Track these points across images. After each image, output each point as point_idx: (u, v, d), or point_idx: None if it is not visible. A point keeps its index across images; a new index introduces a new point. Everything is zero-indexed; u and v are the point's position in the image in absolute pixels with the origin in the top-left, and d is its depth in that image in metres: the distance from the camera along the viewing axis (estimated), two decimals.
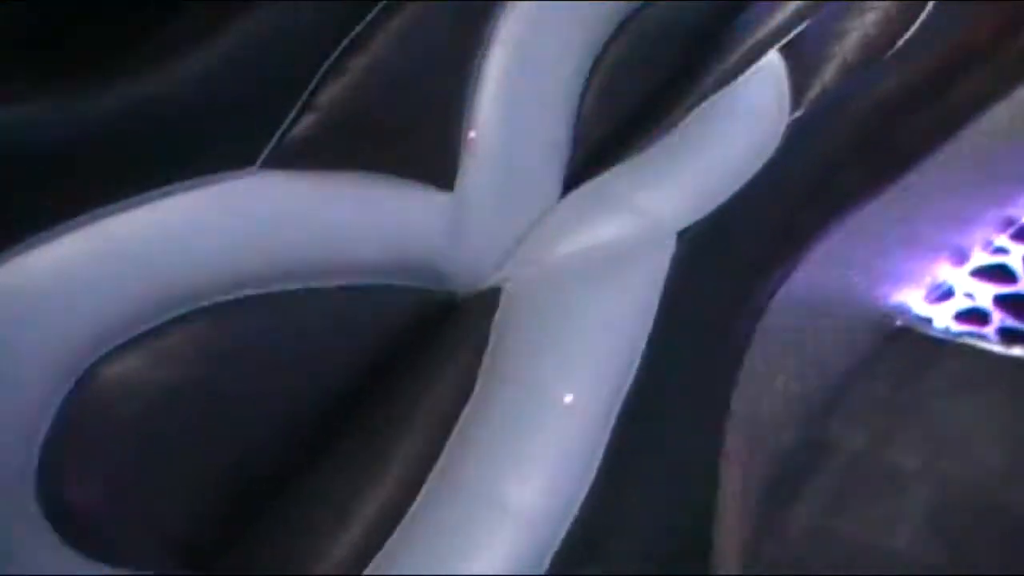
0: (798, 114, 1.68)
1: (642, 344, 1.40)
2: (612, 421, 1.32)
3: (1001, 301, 1.91)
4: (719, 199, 1.57)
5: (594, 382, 1.35)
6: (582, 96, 1.73)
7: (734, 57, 1.82)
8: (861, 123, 1.72)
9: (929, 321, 1.91)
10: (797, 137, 1.67)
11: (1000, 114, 1.88)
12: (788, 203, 1.64)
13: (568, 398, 1.32)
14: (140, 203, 1.31)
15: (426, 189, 1.52)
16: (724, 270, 1.55)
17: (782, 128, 1.67)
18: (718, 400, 1.48)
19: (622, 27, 1.79)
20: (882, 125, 1.74)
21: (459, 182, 1.56)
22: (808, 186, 1.67)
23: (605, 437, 1.29)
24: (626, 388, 1.35)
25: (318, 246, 1.44)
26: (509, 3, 1.60)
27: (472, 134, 1.57)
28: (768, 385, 1.69)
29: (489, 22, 1.59)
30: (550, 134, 1.65)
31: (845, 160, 1.71)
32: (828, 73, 1.74)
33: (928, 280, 1.94)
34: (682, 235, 1.52)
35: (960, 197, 1.97)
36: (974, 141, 1.87)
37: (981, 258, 1.97)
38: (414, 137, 1.54)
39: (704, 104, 1.74)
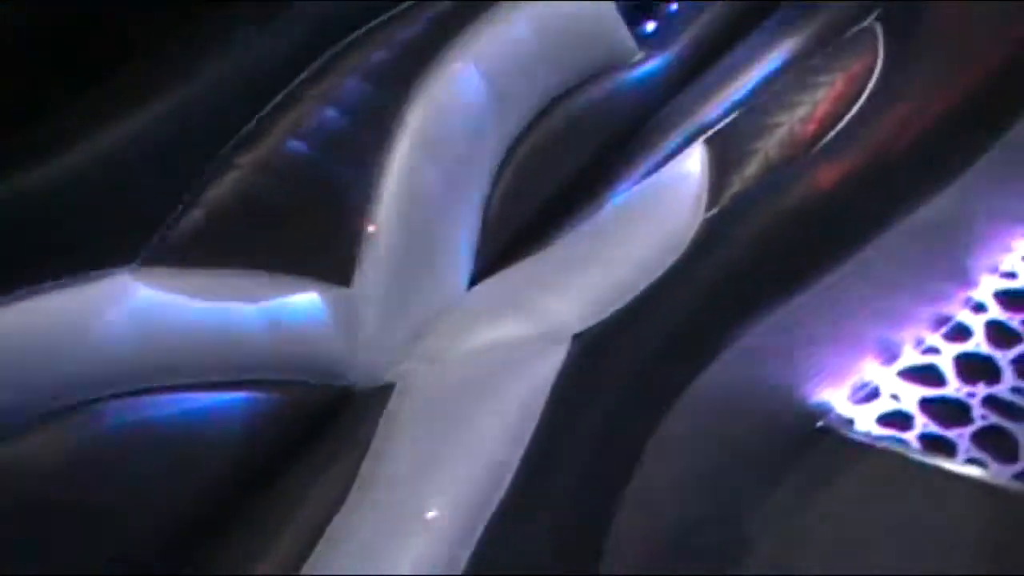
0: (714, 212, 1.69)
1: (520, 453, 1.41)
2: (478, 534, 1.33)
3: (927, 405, 1.90)
4: (620, 301, 1.57)
5: (464, 495, 1.35)
6: (493, 186, 1.76)
7: (655, 150, 1.84)
8: (783, 221, 1.72)
9: (851, 422, 1.90)
10: (712, 234, 1.67)
11: (931, 211, 1.88)
12: (699, 301, 1.64)
13: (431, 514, 1.33)
14: (13, 301, 1.34)
15: (321, 284, 1.53)
16: (620, 372, 1.55)
17: (696, 225, 1.68)
18: (602, 505, 1.48)
19: (540, 118, 1.82)
20: (807, 222, 1.74)
21: (357, 277, 1.58)
22: (723, 283, 1.66)
23: (467, 552, 1.30)
24: (498, 499, 1.36)
25: (204, 342, 1.44)
26: (417, 94, 1.63)
27: (372, 228, 1.59)
28: (675, 482, 1.70)
29: (394, 115, 1.62)
30: (456, 228, 1.66)
31: (766, 257, 1.70)
32: (749, 169, 1.74)
33: (854, 378, 1.94)
34: (577, 338, 1.53)
35: (891, 293, 1.96)
36: (905, 238, 1.87)
37: (911, 357, 1.97)
38: (309, 233, 1.55)
39: (619, 198, 1.77)
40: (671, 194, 1.74)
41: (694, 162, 1.78)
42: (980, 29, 1.97)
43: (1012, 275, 2.07)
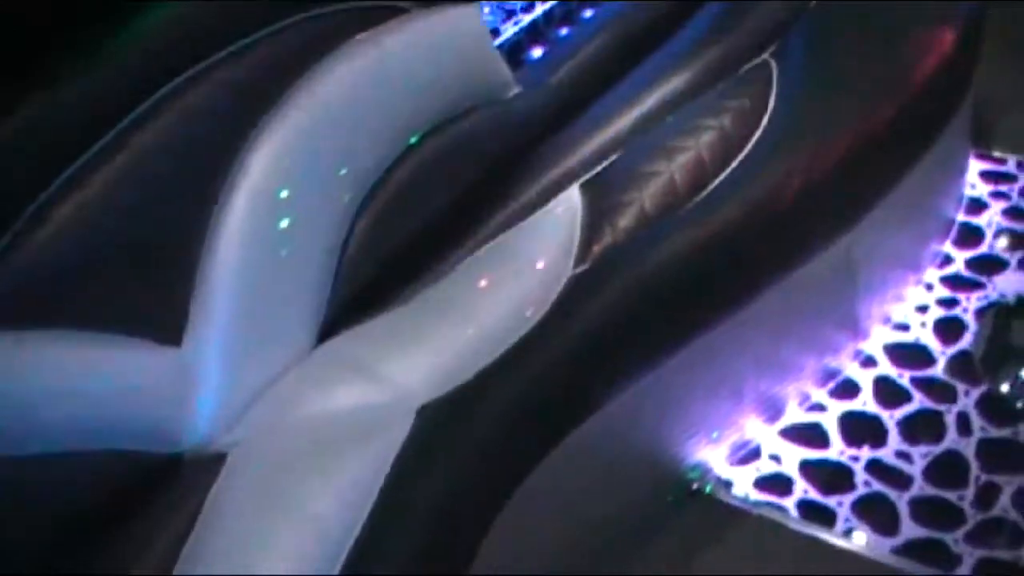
0: (583, 268, 1.60)
1: (355, 534, 1.32)
2: None
3: (808, 468, 1.83)
4: (473, 369, 1.48)
5: None
6: (350, 231, 1.65)
7: (527, 194, 1.74)
8: (657, 279, 1.63)
9: (729, 485, 1.83)
10: (580, 292, 1.59)
11: (821, 263, 1.81)
12: (562, 366, 1.55)
13: None
14: None
15: (149, 345, 1.41)
16: (469, 446, 1.46)
17: (563, 282, 1.59)
18: None
19: (404, 156, 1.71)
20: (683, 280, 1.65)
21: (188, 336, 1.47)
22: (590, 345, 1.58)
23: None
24: None
25: (19, 408, 1.34)
26: (259, 138, 1.50)
27: (206, 284, 1.47)
28: (534, 550, 1.61)
29: (233, 161, 1.49)
30: (302, 280, 1.55)
31: (637, 317, 1.62)
32: (623, 220, 1.65)
33: (735, 436, 1.86)
34: (423, 410, 1.44)
35: (777, 344, 1.89)
36: (792, 285, 1.80)
37: (795, 415, 1.90)
38: (134, 289, 1.43)
39: (484, 248, 1.67)
40: (538, 246, 1.65)
41: (566, 211, 1.69)
42: (877, 76, 1.89)
43: (904, 327, 2.01)
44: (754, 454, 1.85)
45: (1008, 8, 2.21)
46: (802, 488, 1.80)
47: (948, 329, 2.00)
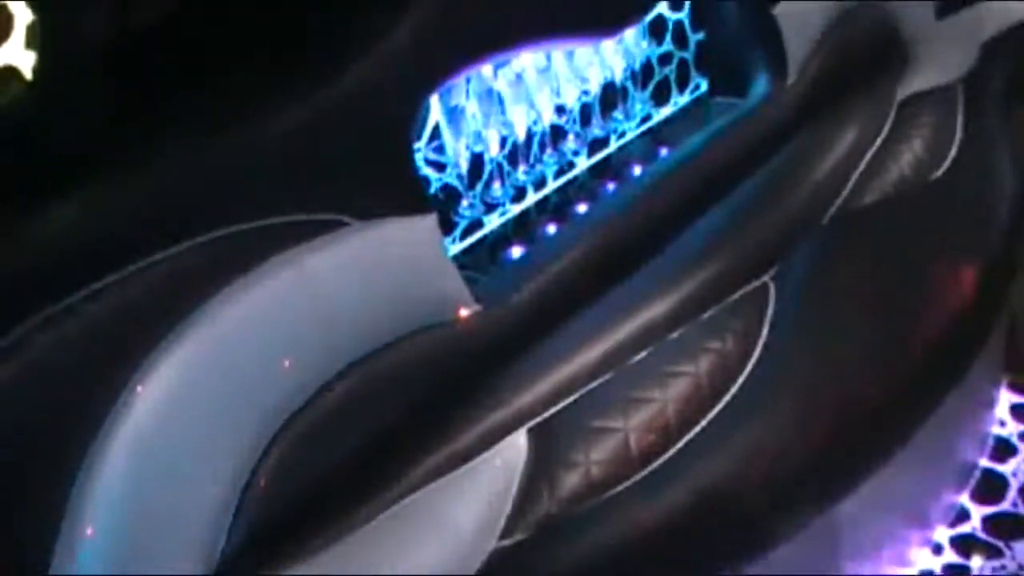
0: (509, 542, 1.42)
1: None
2: None
3: None
4: None
5: None
6: (255, 470, 1.48)
7: (467, 435, 1.56)
8: (595, 564, 1.45)
9: None
10: (502, 570, 1.41)
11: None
12: None
13: None
14: None
15: None
16: None
17: (482, 557, 1.42)
18: None
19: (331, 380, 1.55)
20: (625, 569, 1.47)
21: None
22: None
23: None
24: None
25: None
26: (144, 375, 1.34)
27: (68, 536, 1.32)
28: None
29: (109, 403, 1.34)
30: (183, 534, 1.40)
31: None
32: (566, 486, 1.48)
33: None
34: None
35: None
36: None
37: None
38: None
39: (403, 503, 1.50)
40: (466, 505, 1.48)
41: (506, 463, 1.52)
42: (888, 320, 1.70)
43: None
44: None
45: None
46: None
47: None
